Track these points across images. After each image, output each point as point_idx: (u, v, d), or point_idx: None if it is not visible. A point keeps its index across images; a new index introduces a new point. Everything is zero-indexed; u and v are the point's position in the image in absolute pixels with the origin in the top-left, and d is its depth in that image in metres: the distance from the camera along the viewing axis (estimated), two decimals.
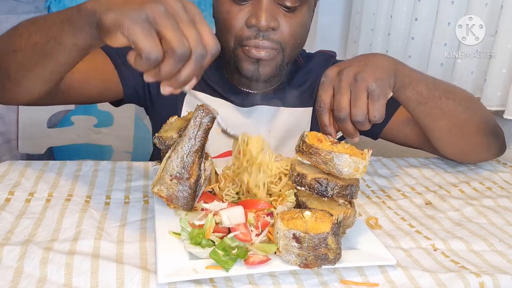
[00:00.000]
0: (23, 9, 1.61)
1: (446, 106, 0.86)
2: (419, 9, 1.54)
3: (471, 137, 0.92)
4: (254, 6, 0.87)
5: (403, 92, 0.82)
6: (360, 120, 0.72)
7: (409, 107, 0.85)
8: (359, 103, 0.72)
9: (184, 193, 0.67)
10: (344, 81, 0.73)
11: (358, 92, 0.72)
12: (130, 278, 0.56)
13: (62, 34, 0.65)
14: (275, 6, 0.87)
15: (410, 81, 0.81)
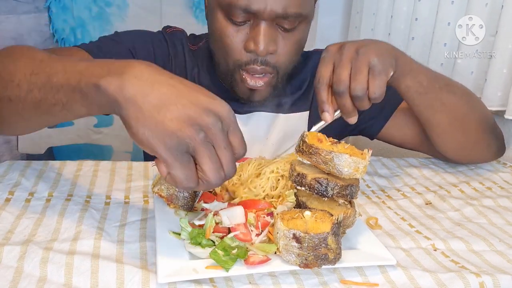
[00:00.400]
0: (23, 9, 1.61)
1: (447, 99, 0.85)
2: (419, 9, 1.54)
3: (471, 133, 0.91)
4: (252, 29, 0.84)
5: (403, 81, 0.80)
6: (359, 95, 0.71)
7: (409, 97, 0.84)
8: (359, 76, 0.71)
9: (184, 193, 0.67)
10: (345, 55, 0.72)
11: (359, 65, 0.71)
12: (130, 278, 0.56)
13: (73, 102, 0.59)
14: (274, 28, 0.84)
15: (410, 69, 0.80)
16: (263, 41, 0.82)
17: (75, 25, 1.67)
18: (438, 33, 1.46)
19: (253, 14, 0.82)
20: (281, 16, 0.82)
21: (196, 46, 1.02)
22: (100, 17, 1.68)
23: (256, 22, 0.83)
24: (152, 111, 0.51)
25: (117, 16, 1.68)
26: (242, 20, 0.83)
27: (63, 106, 0.60)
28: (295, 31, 0.86)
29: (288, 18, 0.82)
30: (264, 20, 0.82)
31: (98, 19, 1.68)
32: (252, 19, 0.83)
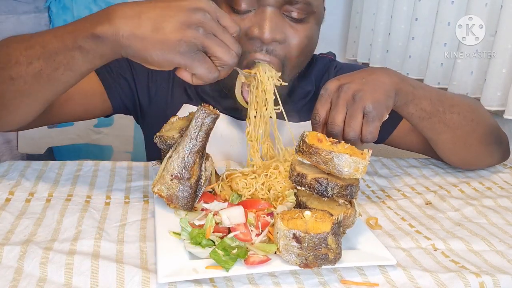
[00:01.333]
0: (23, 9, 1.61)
1: (450, 120, 0.84)
2: (419, 9, 1.54)
3: (475, 148, 0.92)
4: (257, 15, 0.79)
5: (405, 109, 0.80)
6: (352, 139, 0.72)
7: (412, 122, 0.84)
8: (353, 122, 0.71)
9: (184, 193, 0.67)
10: (341, 98, 0.72)
11: (354, 111, 0.71)
12: (130, 278, 0.56)
13: (74, 61, 0.63)
14: (281, 16, 0.80)
15: (412, 99, 0.79)
16: (268, 27, 0.78)
17: None
18: (438, 33, 1.46)
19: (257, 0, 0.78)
20: (288, 2, 0.78)
21: None
22: None
23: (261, 8, 0.79)
24: (153, 35, 0.59)
25: None
26: (246, 7, 0.79)
27: (65, 68, 0.63)
28: (304, 23, 0.82)
29: (295, 5, 0.79)
30: (270, 6, 0.78)
31: None
32: (256, 6, 0.79)
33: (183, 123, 0.76)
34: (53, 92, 0.70)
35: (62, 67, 0.64)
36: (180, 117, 0.78)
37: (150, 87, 0.97)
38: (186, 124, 0.73)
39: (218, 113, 0.69)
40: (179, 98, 0.97)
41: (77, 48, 0.61)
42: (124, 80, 0.95)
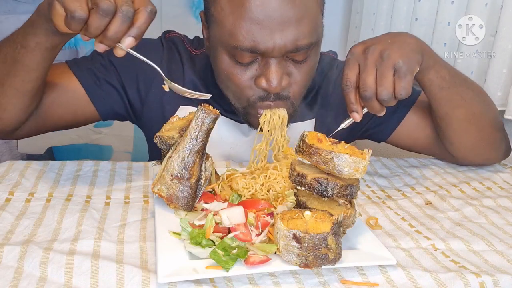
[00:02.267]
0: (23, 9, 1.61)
1: (467, 94, 0.85)
2: (419, 9, 1.54)
3: (486, 130, 0.92)
4: (262, 66, 0.79)
5: (427, 74, 0.80)
6: (386, 99, 0.72)
7: (432, 91, 0.84)
8: (385, 81, 0.71)
9: (184, 193, 0.67)
10: (370, 59, 0.72)
11: (384, 70, 0.71)
12: (130, 278, 0.56)
13: (25, 37, 0.71)
14: (284, 62, 0.79)
15: (434, 64, 0.80)
16: (275, 78, 0.78)
17: None
18: (438, 33, 1.46)
19: (261, 53, 0.78)
20: (291, 51, 0.77)
21: (198, 51, 0.98)
22: None
23: (265, 60, 0.78)
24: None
25: None
26: (249, 60, 0.79)
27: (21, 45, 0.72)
28: (307, 59, 0.81)
29: (299, 51, 0.78)
30: (274, 57, 0.78)
31: None
32: (259, 57, 0.79)
33: (183, 123, 0.76)
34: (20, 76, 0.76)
35: (19, 45, 0.73)
36: (180, 117, 0.78)
37: (140, 89, 0.95)
38: (186, 124, 0.73)
39: (218, 113, 0.69)
40: (175, 100, 0.95)
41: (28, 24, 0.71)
42: (110, 86, 0.93)
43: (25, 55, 0.73)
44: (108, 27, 0.61)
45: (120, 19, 0.61)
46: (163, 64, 0.94)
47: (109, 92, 0.93)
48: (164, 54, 0.95)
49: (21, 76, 0.76)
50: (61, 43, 0.74)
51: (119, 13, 0.61)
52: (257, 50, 0.76)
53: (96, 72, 0.92)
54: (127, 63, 0.92)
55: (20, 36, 0.73)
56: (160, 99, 0.95)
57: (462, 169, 1.00)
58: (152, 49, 0.95)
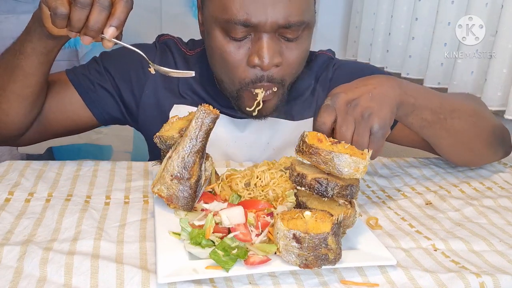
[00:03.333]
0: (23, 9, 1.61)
1: (452, 126, 0.84)
2: (419, 9, 1.54)
3: (478, 150, 0.93)
4: (254, 43, 0.81)
5: (405, 119, 0.80)
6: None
7: (412, 130, 0.84)
8: (361, 141, 0.71)
9: (184, 193, 0.67)
10: (350, 115, 0.71)
11: (362, 131, 0.71)
12: (130, 278, 0.56)
13: (23, 43, 0.78)
14: (276, 39, 0.81)
15: (413, 110, 0.78)
16: (267, 54, 0.80)
17: None
18: (438, 33, 1.46)
19: (254, 27, 0.80)
20: (283, 26, 0.79)
21: (193, 52, 1.00)
22: None
23: (257, 35, 0.81)
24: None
25: None
26: (243, 35, 0.81)
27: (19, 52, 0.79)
28: (298, 40, 0.83)
29: (291, 28, 0.80)
30: (266, 33, 0.80)
31: None
32: (253, 32, 0.81)
33: (183, 123, 0.76)
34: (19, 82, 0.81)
35: (17, 52, 0.79)
36: (180, 117, 0.78)
37: (134, 91, 0.97)
38: (186, 124, 0.73)
39: (218, 113, 0.69)
40: (168, 99, 0.97)
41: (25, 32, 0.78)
42: (105, 91, 0.96)
43: (23, 61, 0.79)
44: (88, 18, 0.66)
45: (98, 8, 0.66)
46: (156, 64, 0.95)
47: (104, 96, 0.96)
48: (157, 56, 0.98)
49: (20, 81, 0.81)
50: (55, 47, 0.80)
51: (96, 4, 0.66)
52: (249, 23, 0.78)
53: (91, 77, 0.95)
54: (120, 67, 0.95)
55: (18, 43, 0.79)
56: (154, 99, 0.97)
57: (462, 169, 1.00)
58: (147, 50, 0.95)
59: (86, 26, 0.66)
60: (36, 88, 0.84)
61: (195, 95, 0.97)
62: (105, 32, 0.67)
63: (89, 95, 0.95)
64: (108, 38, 0.68)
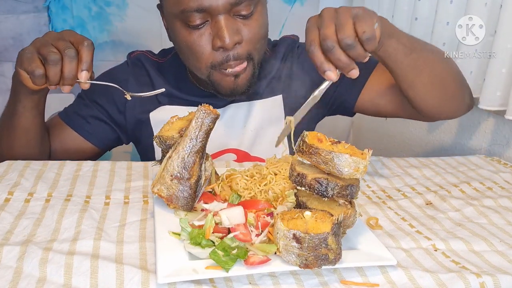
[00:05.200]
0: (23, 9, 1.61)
1: (427, 57, 0.87)
2: (419, 8, 1.54)
3: (450, 87, 0.94)
4: (213, 27, 0.87)
5: (390, 43, 0.80)
6: (349, 43, 0.69)
7: (397, 60, 0.84)
8: (344, 27, 0.69)
9: (184, 193, 0.67)
10: (326, 17, 0.71)
11: (342, 19, 0.70)
12: (129, 278, 0.56)
13: (14, 106, 0.88)
14: (232, 19, 0.87)
15: (393, 31, 0.81)
16: (227, 33, 0.85)
17: (74, 25, 1.67)
18: (437, 33, 1.46)
19: (208, 11, 0.85)
20: (235, 3, 0.85)
21: (164, 59, 1.07)
22: (100, 16, 1.67)
23: (214, 19, 0.86)
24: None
25: (116, 16, 1.68)
26: (200, 22, 0.87)
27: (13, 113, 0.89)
28: (254, 16, 0.89)
29: (242, 3, 0.86)
30: (221, 14, 0.85)
31: (98, 19, 1.68)
32: (209, 18, 0.87)
33: (182, 123, 0.76)
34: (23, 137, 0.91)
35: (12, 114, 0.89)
36: (180, 117, 0.78)
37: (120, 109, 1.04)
38: (186, 124, 0.73)
39: (218, 113, 0.69)
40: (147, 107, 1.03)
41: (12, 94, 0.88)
42: (97, 120, 1.04)
43: (19, 120, 0.89)
44: (62, 70, 0.74)
45: (67, 60, 0.74)
46: (132, 81, 1.04)
47: (98, 126, 1.04)
48: (130, 72, 1.05)
49: (24, 137, 0.91)
50: (41, 99, 0.89)
51: (65, 57, 0.74)
52: (203, 8, 0.84)
53: (82, 113, 1.04)
54: (103, 94, 1.04)
55: (11, 107, 0.89)
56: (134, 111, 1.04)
57: (462, 169, 1.00)
58: (119, 71, 1.06)
59: (63, 78, 0.74)
60: (38, 137, 0.94)
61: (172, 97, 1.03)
62: (79, 77, 0.75)
63: (85, 130, 1.03)
64: (84, 81, 0.76)
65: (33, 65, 0.74)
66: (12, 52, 1.60)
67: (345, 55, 0.71)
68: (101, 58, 1.65)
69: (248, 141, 1.05)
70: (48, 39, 0.77)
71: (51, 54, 0.73)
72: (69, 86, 0.76)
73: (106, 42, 1.70)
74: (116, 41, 1.70)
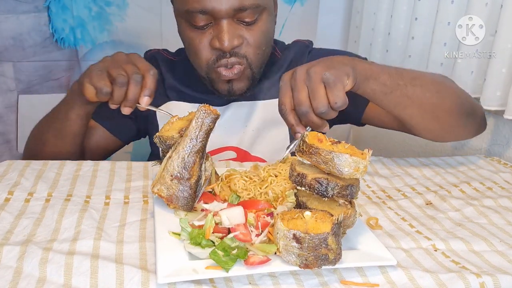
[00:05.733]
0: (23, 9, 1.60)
1: (413, 93, 0.85)
2: (419, 8, 1.54)
3: (445, 120, 0.92)
4: (215, 29, 0.90)
5: (367, 85, 0.81)
6: (323, 111, 0.72)
7: (376, 99, 0.85)
8: (317, 94, 0.72)
9: (184, 193, 0.67)
10: (298, 79, 0.73)
11: (314, 85, 0.72)
12: (129, 278, 0.56)
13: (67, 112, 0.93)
14: (235, 24, 0.90)
15: (371, 73, 0.81)
16: (226, 37, 0.88)
17: (74, 25, 1.67)
18: (438, 33, 1.46)
19: (212, 14, 0.88)
20: (238, 10, 0.87)
21: (178, 57, 1.09)
22: (100, 16, 1.67)
23: (217, 22, 0.89)
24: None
25: (116, 16, 1.68)
26: (204, 23, 0.90)
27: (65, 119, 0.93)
28: (257, 23, 0.91)
29: (246, 11, 0.88)
30: (224, 18, 0.88)
31: (98, 19, 1.68)
32: (213, 20, 0.89)
33: (183, 123, 0.76)
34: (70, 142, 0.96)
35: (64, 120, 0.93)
36: (180, 117, 0.78)
37: None
38: (186, 124, 0.73)
39: (218, 113, 0.69)
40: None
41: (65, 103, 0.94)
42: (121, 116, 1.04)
43: (71, 126, 0.94)
44: (127, 93, 0.80)
45: (133, 84, 0.80)
46: None
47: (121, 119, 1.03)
48: None
49: (70, 141, 0.96)
50: (93, 109, 0.93)
51: (131, 81, 0.79)
52: (206, 10, 0.87)
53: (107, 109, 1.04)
54: None
55: (62, 112, 0.94)
56: None
57: (462, 169, 1.00)
58: None
59: (126, 99, 0.80)
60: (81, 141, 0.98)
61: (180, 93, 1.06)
62: (140, 102, 0.81)
63: (112, 126, 1.07)
64: (144, 106, 0.82)
65: (102, 82, 0.79)
66: (12, 52, 1.60)
67: (317, 117, 0.74)
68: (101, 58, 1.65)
69: (249, 140, 1.05)
70: (118, 60, 0.82)
71: (120, 76, 0.79)
72: (130, 108, 0.82)
73: (106, 42, 1.70)
74: (116, 41, 1.70)
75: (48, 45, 1.64)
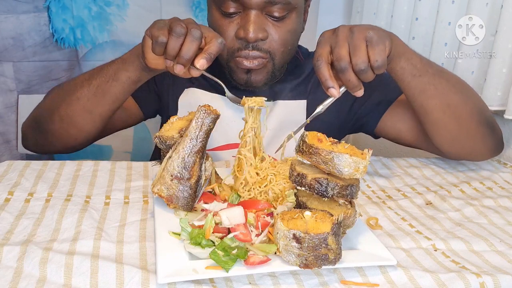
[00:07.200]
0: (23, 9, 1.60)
1: (440, 84, 0.85)
2: (420, 8, 1.54)
3: (465, 122, 0.89)
4: (242, 18, 0.91)
5: (398, 62, 0.81)
6: (362, 68, 0.71)
7: (404, 79, 0.84)
8: (358, 51, 0.71)
9: (184, 193, 0.67)
10: (341, 36, 0.73)
11: (356, 41, 0.72)
12: (130, 278, 0.56)
13: (117, 72, 0.87)
14: (263, 17, 0.90)
15: (404, 51, 0.81)
16: (252, 28, 0.89)
17: (74, 25, 1.67)
18: (438, 33, 1.46)
19: (242, 3, 0.89)
20: (269, 2, 0.88)
21: None
22: (100, 16, 1.67)
23: (246, 11, 0.90)
24: None
25: (116, 16, 1.68)
26: (233, 11, 0.91)
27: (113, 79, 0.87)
28: (285, 20, 0.92)
29: (276, 5, 0.89)
30: (253, 9, 0.89)
31: (98, 19, 1.68)
32: (242, 9, 0.90)
33: (183, 123, 0.76)
34: (108, 106, 0.90)
35: (111, 79, 0.87)
36: (180, 117, 0.78)
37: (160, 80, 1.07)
38: (186, 124, 0.73)
39: (218, 113, 0.69)
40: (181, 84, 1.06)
41: (120, 61, 0.87)
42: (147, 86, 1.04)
43: (115, 88, 0.88)
44: (181, 47, 0.74)
45: (189, 39, 0.74)
46: None
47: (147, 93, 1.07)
48: None
49: (109, 105, 0.90)
50: (146, 78, 0.89)
51: (189, 34, 0.74)
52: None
53: None
54: None
55: (111, 71, 0.87)
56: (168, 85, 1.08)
57: (462, 169, 1.00)
58: None
59: (179, 55, 0.74)
60: (116, 110, 0.93)
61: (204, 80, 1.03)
62: (196, 63, 0.75)
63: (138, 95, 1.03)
64: (199, 68, 0.75)
65: (160, 32, 0.74)
66: (12, 52, 1.60)
67: (355, 76, 0.73)
68: (101, 58, 1.65)
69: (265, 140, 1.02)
70: (185, 21, 0.78)
71: (178, 26, 0.74)
72: (182, 66, 0.75)
73: (106, 42, 1.70)
74: (116, 41, 1.70)
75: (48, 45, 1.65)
